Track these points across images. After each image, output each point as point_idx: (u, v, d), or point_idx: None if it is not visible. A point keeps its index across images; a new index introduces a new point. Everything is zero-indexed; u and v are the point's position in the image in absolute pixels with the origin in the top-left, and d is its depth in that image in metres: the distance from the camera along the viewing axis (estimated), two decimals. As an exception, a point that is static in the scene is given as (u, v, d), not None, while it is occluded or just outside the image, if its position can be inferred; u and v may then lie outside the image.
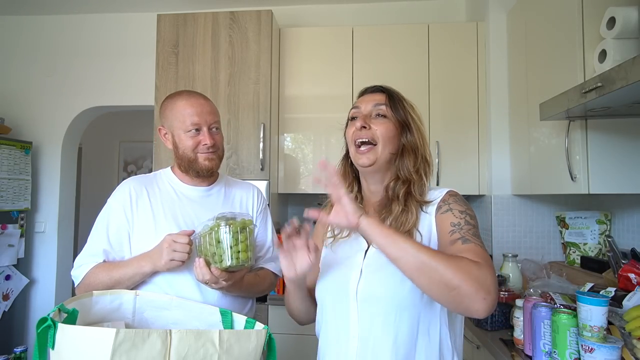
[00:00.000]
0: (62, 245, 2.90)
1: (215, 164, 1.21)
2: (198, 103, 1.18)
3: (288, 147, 2.52)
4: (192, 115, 1.16)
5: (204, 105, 1.19)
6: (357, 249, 0.93)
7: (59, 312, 0.85)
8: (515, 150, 2.18)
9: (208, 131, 1.18)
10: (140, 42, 2.84)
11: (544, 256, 2.13)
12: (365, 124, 0.91)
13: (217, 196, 1.26)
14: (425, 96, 2.40)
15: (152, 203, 1.19)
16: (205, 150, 1.18)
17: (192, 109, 1.16)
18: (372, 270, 0.88)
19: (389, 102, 0.93)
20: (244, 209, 1.28)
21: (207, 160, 1.19)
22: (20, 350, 1.23)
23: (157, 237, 1.13)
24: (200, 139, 1.17)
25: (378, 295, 0.86)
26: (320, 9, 2.82)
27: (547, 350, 1.23)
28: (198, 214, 1.19)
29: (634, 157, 1.52)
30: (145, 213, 1.18)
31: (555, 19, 1.72)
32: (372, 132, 0.91)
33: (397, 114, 0.92)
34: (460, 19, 2.73)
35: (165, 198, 1.21)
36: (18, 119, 2.87)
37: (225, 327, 1.02)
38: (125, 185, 1.22)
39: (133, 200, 1.19)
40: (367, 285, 0.87)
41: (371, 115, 0.93)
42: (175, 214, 1.19)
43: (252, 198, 1.32)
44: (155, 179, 1.25)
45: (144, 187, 1.22)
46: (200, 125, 1.17)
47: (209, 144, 1.17)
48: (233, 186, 1.33)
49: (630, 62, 0.99)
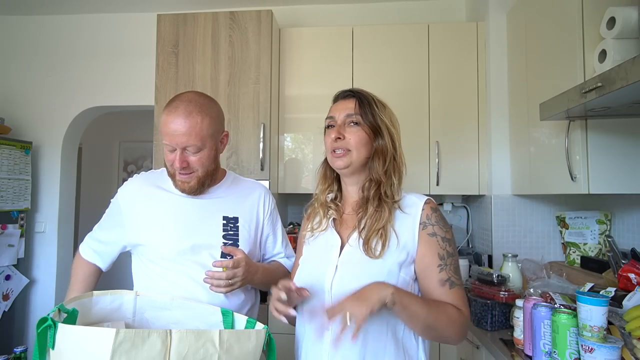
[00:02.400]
0: (62, 245, 2.90)
1: (190, 186, 1.14)
2: (175, 122, 1.07)
3: (288, 147, 2.52)
4: (166, 134, 1.09)
5: (180, 126, 1.07)
6: (332, 244, 1.00)
7: (59, 312, 0.85)
8: (515, 150, 2.18)
9: (181, 153, 1.09)
10: (140, 42, 2.84)
11: (544, 256, 2.13)
12: (339, 135, 0.99)
13: (221, 195, 1.24)
14: (425, 96, 2.40)
15: (156, 201, 1.20)
16: (179, 170, 1.12)
17: (167, 128, 1.08)
18: (347, 267, 0.94)
19: (359, 110, 0.99)
20: (248, 209, 1.25)
21: (180, 181, 1.14)
22: (20, 350, 1.23)
23: (157, 236, 1.14)
24: (171, 158, 1.11)
25: (351, 291, 0.88)
26: (320, 9, 2.82)
27: (547, 350, 1.23)
28: (201, 212, 1.19)
29: (634, 157, 1.52)
30: (147, 211, 1.18)
31: (555, 19, 1.72)
32: (346, 141, 0.98)
33: (367, 120, 0.99)
34: (460, 19, 2.73)
35: (168, 196, 1.20)
36: (18, 119, 2.87)
37: (226, 327, 1.02)
38: (132, 182, 1.25)
39: (140, 196, 1.21)
40: (342, 281, 0.93)
41: (345, 124, 1.00)
42: (179, 212, 1.18)
43: (259, 199, 1.28)
44: (161, 177, 1.24)
45: (148, 185, 1.23)
46: (173, 147, 1.10)
47: (178, 167, 1.10)
48: (240, 185, 1.29)
49: (630, 62, 0.99)
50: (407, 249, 0.94)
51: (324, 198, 1.06)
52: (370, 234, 0.94)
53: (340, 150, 0.98)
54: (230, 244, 1.17)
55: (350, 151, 0.98)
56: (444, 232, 0.96)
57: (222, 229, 1.18)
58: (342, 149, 0.98)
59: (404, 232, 0.96)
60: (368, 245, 0.93)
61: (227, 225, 1.20)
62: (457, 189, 2.41)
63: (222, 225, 1.19)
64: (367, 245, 0.93)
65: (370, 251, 0.93)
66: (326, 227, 1.03)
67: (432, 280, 0.94)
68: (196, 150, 1.10)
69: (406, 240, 0.95)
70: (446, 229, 0.97)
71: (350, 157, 0.98)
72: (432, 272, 0.94)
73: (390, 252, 0.93)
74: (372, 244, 0.93)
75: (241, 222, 1.22)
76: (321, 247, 1.02)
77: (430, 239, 0.95)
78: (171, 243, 1.15)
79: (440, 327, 0.89)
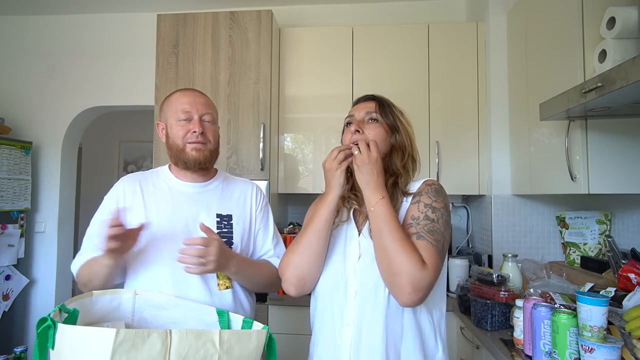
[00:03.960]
0: (62, 245, 2.90)
1: (204, 155, 1.19)
2: (192, 94, 1.22)
3: (288, 147, 2.52)
4: (184, 104, 1.19)
5: (198, 97, 1.22)
6: (351, 235, 1.02)
7: (60, 312, 0.85)
8: (515, 150, 2.18)
9: (199, 120, 1.18)
10: (140, 42, 2.84)
11: (544, 256, 2.13)
12: (358, 128, 1.01)
13: (213, 192, 1.25)
14: (425, 96, 2.40)
15: (145, 200, 1.20)
16: (194, 139, 1.17)
17: (185, 99, 1.20)
18: (368, 259, 0.95)
19: (379, 109, 1.04)
20: (241, 206, 1.26)
21: (195, 150, 1.17)
22: (20, 350, 1.23)
23: (152, 236, 1.12)
24: (190, 127, 1.17)
25: (372, 283, 0.93)
26: (320, 9, 2.82)
27: (547, 350, 1.23)
28: (192, 210, 1.19)
29: (634, 157, 1.52)
30: (138, 211, 1.17)
31: (555, 19, 1.72)
32: (365, 135, 1.00)
33: (386, 119, 1.03)
34: (460, 19, 2.73)
35: (158, 195, 1.21)
36: (18, 119, 2.87)
37: (222, 326, 1.02)
38: (120, 184, 1.25)
39: (127, 197, 1.20)
40: (363, 270, 0.95)
41: (364, 121, 1.03)
42: (170, 211, 1.18)
43: (250, 195, 1.30)
44: (151, 176, 1.26)
45: (138, 184, 1.23)
46: (191, 114, 1.18)
47: (198, 132, 1.16)
48: (231, 183, 1.31)
49: (630, 62, 0.99)
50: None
51: (343, 191, 1.05)
52: None
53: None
54: (224, 241, 1.15)
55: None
56: (431, 200, 0.97)
57: (215, 227, 1.18)
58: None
59: (402, 213, 0.98)
60: None
61: (221, 223, 1.20)
62: (457, 189, 2.41)
63: (215, 222, 1.20)
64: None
65: None
66: (347, 218, 1.05)
67: None
68: (212, 120, 1.22)
69: (401, 218, 0.97)
70: (435, 199, 0.97)
71: None
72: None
73: None
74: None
75: (235, 220, 1.23)
76: (341, 238, 1.03)
77: (412, 206, 0.97)
78: (163, 244, 1.14)
79: (391, 252, 0.88)
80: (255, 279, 1.22)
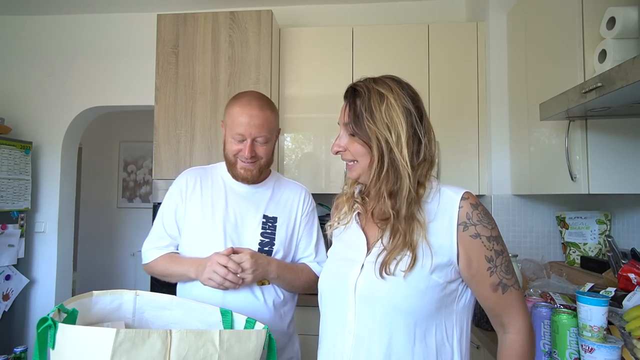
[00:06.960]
0: (62, 245, 2.90)
1: (252, 175, 1.23)
2: (249, 114, 1.17)
3: (288, 147, 2.52)
4: (239, 125, 1.18)
5: (254, 118, 1.17)
6: (358, 242, 0.95)
7: (59, 312, 0.85)
8: (515, 151, 2.18)
9: (251, 143, 1.18)
10: (140, 42, 2.84)
11: (544, 256, 2.13)
12: (339, 149, 0.99)
13: (263, 194, 1.29)
14: (425, 96, 2.39)
15: (203, 194, 1.27)
16: (244, 160, 1.20)
17: (241, 119, 1.17)
18: (372, 268, 0.88)
19: (352, 119, 1.01)
20: (288, 210, 1.29)
21: (243, 169, 1.22)
22: (20, 350, 1.23)
23: (203, 228, 1.21)
24: (241, 148, 1.19)
25: (376, 295, 0.86)
26: (320, 9, 2.81)
27: (547, 350, 1.23)
28: (243, 209, 1.25)
29: (634, 157, 1.52)
30: (196, 203, 1.26)
31: (555, 19, 1.72)
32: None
33: (360, 131, 0.98)
34: (460, 19, 2.72)
35: (215, 191, 1.27)
36: (18, 119, 2.87)
37: (225, 327, 1.02)
38: (183, 175, 1.32)
39: (189, 189, 1.28)
40: (367, 282, 0.88)
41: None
42: (222, 207, 1.24)
43: (298, 200, 1.32)
44: (211, 172, 1.33)
45: (198, 178, 1.30)
46: (244, 137, 1.18)
47: (247, 156, 1.18)
48: (283, 186, 1.34)
49: (630, 62, 0.99)
50: (444, 253, 0.86)
51: (351, 191, 1.01)
52: (392, 252, 0.86)
53: None
54: (267, 242, 1.23)
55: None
56: (489, 231, 0.87)
57: (260, 227, 1.23)
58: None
59: (437, 235, 0.86)
60: (388, 260, 0.86)
61: (266, 224, 1.25)
62: (457, 189, 2.40)
63: (261, 223, 1.24)
64: (389, 259, 0.86)
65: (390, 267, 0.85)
66: (350, 220, 0.99)
67: (484, 286, 0.87)
68: (265, 141, 1.21)
69: (441, 243, 0.86)
70: (491, 226, 0.88)
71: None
72: (482, 277, 0.86)
73: (419, 263, 0.85)
74: (392, 261, 0.85)
75: (279, 222, 1.26)
76: (347, 244, 0.98)
77: (473, 242, 0.86)
78: (208, 242, 1.21)
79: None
80: (294, 282, 1.25)
